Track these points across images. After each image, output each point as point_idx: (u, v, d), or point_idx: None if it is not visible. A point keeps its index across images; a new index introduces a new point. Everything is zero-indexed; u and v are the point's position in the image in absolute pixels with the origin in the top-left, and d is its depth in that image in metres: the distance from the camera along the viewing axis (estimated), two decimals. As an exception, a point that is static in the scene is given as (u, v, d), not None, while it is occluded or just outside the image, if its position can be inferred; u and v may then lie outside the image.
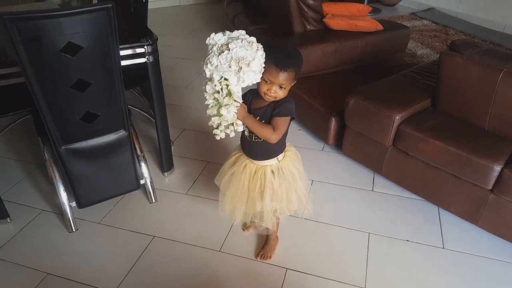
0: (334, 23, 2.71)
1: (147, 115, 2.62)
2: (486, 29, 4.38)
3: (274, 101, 1.39)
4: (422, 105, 2.04)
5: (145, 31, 1.92)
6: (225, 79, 1.24)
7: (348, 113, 2.14)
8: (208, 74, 1.26)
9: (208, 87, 1.27)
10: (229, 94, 1.26)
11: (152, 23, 2.28)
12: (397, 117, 1.94)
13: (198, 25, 4.63)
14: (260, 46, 1.28)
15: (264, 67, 1.29)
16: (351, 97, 2.09)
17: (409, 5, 5.28)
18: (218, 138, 1.33)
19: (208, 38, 1.27)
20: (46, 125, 1.53)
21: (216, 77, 1.25)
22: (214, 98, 1.27)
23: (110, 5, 1.37)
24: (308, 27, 2.75)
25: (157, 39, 1.80)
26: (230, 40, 1.24)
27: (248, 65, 1.22)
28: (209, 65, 1.24)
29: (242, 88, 1.32)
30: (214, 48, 1.24)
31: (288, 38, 2.69)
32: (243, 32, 1.29)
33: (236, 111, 1.30)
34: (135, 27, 2.12)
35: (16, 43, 1.30)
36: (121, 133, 1.72)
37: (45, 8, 2.24)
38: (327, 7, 2.77)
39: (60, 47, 1.36)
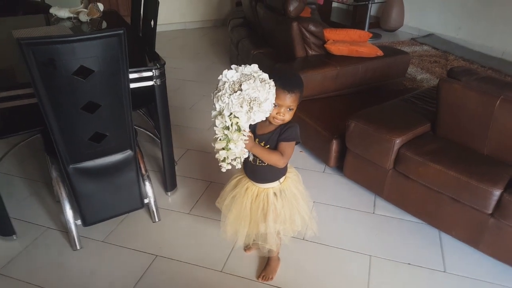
0: (335, 49, 2.78)
1: (151, 135, 2.67)
2: (485, 55, 4.47)
3: (280, 126, 1.42)
4: (421, 130, 2.08)
5: (153, 55, 1.99)
6: (235, 116, 1.25)
7: (349, 136, 2.19)
8: (218, 108, 1.27)
9: (218, 122, 1.28)
10: (239, 129, 1.27)
11: (157, 46, 2.35)
12: (397, 141, 1.98)
13: (203, 49, 4.75)
14: (272, 83, 1.29)
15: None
16: (352, 120, 2.14)
17: (409, 31, 5.40)
18: (224, 170, 1.33)
19: (220, 75, 1.27)
20: (56, 145, 1.57)
21: (226, 113, 1.25)
22: (224, 133, 1.27)
23: (122, 31, 1.43)
24: (310, 52, 2.83)
25: (165, 63, 1.86)
26: (242, 78, 1.24)
27: (260, 105, 1.23)
28: (220, 101, 1.25)
29: None
30: (226, 85, 1.24)
31: (290, 62, 2.76)
32: (256, 67, 1.29)
33: (244, 146, 1.31)
34: (144, 51, 2.20)
35: (31, 66, 1.36)
36: (128, 152, 1.76)
37: (57, 32, 2.34)
38: (328, 33, 2.85)
39: (72, 70, 1.42)
